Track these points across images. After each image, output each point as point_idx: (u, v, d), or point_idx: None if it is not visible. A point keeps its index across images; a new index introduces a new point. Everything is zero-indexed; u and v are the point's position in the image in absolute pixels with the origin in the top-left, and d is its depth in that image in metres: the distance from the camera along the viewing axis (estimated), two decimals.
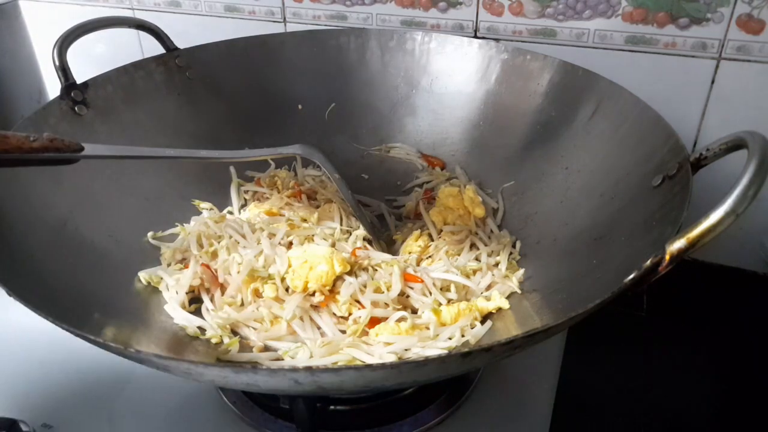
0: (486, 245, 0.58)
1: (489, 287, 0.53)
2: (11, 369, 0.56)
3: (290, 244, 0.56)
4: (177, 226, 0.59)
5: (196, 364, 0.32)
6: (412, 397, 0.51)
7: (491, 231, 0.60)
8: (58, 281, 0.45)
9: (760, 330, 0.61)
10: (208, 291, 0.52)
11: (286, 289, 0.51)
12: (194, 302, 0.52)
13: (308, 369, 0.31)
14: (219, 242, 0.56)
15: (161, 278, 0.53)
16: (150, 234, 0.57)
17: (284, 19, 0.79)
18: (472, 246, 0.58)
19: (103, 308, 0.47)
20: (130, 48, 0.85)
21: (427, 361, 0.31)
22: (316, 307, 0.50)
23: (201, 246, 0.56)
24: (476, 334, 0.47)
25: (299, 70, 0.71)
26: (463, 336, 0.47)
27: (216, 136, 0.66)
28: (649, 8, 0.62)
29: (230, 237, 0.56)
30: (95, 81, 0.58)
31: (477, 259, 0.56)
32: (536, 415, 0.50)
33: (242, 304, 0.51)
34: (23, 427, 0.49)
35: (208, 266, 0.53)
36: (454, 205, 0.61)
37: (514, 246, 0.58)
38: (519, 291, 0.52)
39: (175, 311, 0.50)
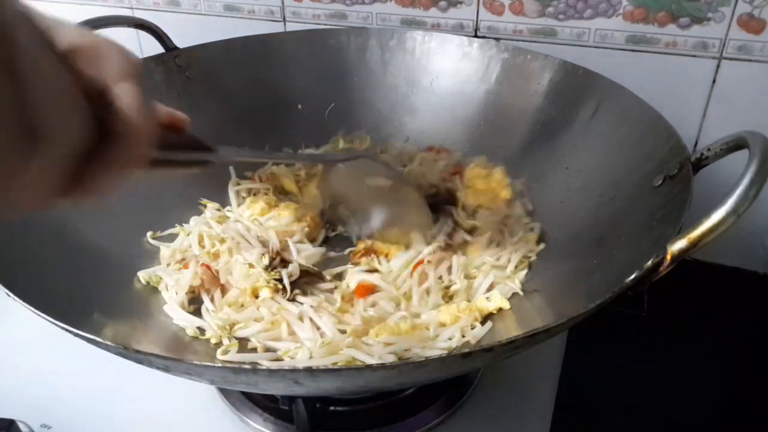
0: (512, 236, 0.56)
1: (491, 287, 0.52)
2: (10, 369, 0.56)
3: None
4: (176, 226, 0.59)
5: (196, 364, 0.32)
6: (412, 398, 0.50)
7: (518, 217, 0.59)
8: (58, 281, 0.44)
9: (761, 330, 0.61)
10: (208, 291, 0.52)
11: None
12: (193, 302, 0.52)
13: (308, 369, 0.31)
14: (221, 243, 0.56)
15: (161, 278, 0.53)
16: (149, 234, 0.57)
17: (284, 18, 0.79)
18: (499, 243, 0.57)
19: (103, 308, 0.46)
20: (129, 47, 0.84)
21: (427, 362, 0.31)
22: (316, 308, 0.50)
23: (202, 246, 0.56)
24: (476, 334, 0.47)
25: (299, 69, 0.71)
26: (463, 336, 0.47)
27: (215, 135, 0.65)
28: (649, 8, 0.62)
29: (233, 239, 0.56)
30: None
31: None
32: (537, 416, 0.50)
33: (242, 305, 0.51)
34: (22, 427, 0.48)
35: (208, 266, 0.53)
36: (483, 187, 0.60)
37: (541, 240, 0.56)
38: (521, 292, 0.51)
39: (175, 311, 0.50)
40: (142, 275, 0.52)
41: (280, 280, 0.51)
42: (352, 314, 0.49)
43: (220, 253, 0.55)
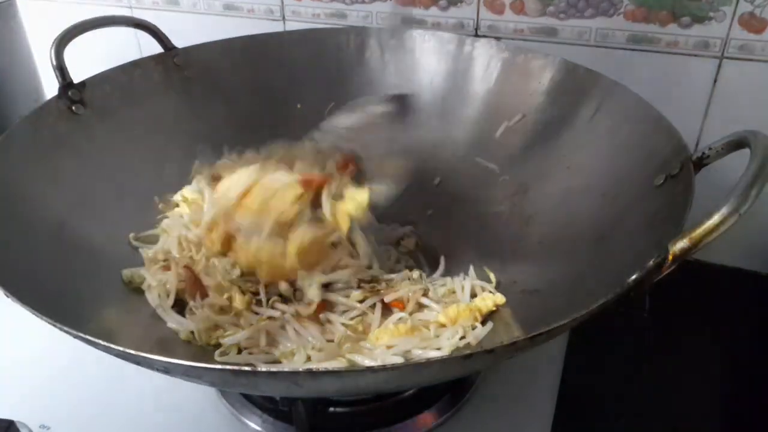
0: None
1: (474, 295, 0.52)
2: (9, 370, 0.56)
3: None
4: (157, 227, 0.58)
5: (196, 366, 0.32)
6: (412, 399, 0.50)
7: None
8: (56, 282, 0.44)
9: (763, 330, 0.61)
10: (191, 294, 0.51)
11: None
12: (176, 304, 0.50)
13: (309, 372, 0.31)
14: (197, 250, 0.54)
15: (144, 278, 0.52)
16: (131, 235, 0.56)
17: (283, 17, 0.79)
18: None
19: (102, 309, 0.46)
20: (128, 47, 0.84)
21: (428, 363, 0.31)
22: (297, 317, 0.49)
23: (182, 248, 0.55)
24: (477, 335, 0.47)
25: (298, 68, 0.71)
26: (463, 337, 0.47)
27: (214, 135, 0.66)
28: (651, 7, 0.62)
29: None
30: (93, 80, 0.58)
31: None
32: (538, 417, 0.50)
33: (222, 309, 0.50)
34: (21, 428, 0.48)
35: (190, 269, 0.52)
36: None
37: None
38: (496, 282, 0.52)
39: (166, 314, 0.49)
40: (126, 273, 0.51)
41: (257, 293, 0.50)
42: (331, 322, 0.49)
43: (196, 262, 0.53)
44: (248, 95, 0.69)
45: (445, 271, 0.56)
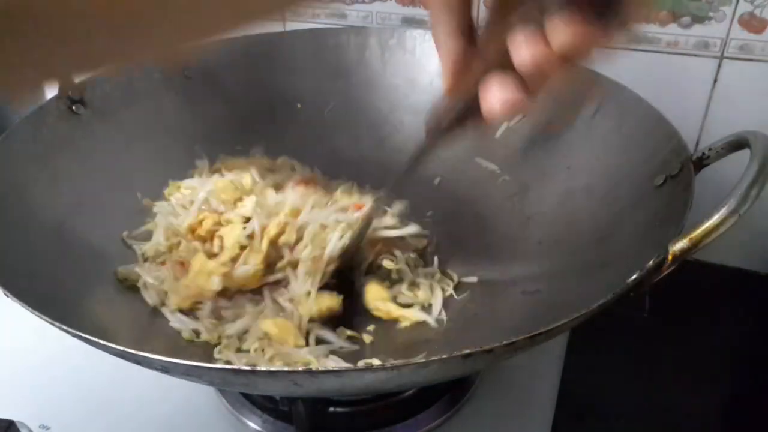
0: None
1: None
2: (8, 369, 0.56)
3: None
4: (148, 221, 0.57)
5: (195, 365, 0.32)
6: (412, 399, 0.50)
7: None
8: (56, 281, 0.44)
9: (763, 331, 0.61)
10: None
11: None
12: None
13: (308, 371, 0.31)
14: (188, 235, 0.53)
15: (139, 276, 0.51)
16: (125, 233, 0.55)
17: (283, 17, 0.79)
18: None
19: (102, 308, 0.46)
20: None
21: (427, 363, 0.31)
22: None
23: (168, 237, 0.54)
24: None
25: (298, 68, 0.71)
26: None
27: (214, 135, 0.66)
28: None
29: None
30: (93, 80, 0.58)
31: None
32: (538, 417, 0.50)
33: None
34: (21, 428, 0.48)
35: (183, 264, 0.51)
36: None
37: None
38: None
39: (170, 314, 0.49)
40: (121, 271, 0.51)
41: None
42: None
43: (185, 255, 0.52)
44: (248, 95, 0.69)
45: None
